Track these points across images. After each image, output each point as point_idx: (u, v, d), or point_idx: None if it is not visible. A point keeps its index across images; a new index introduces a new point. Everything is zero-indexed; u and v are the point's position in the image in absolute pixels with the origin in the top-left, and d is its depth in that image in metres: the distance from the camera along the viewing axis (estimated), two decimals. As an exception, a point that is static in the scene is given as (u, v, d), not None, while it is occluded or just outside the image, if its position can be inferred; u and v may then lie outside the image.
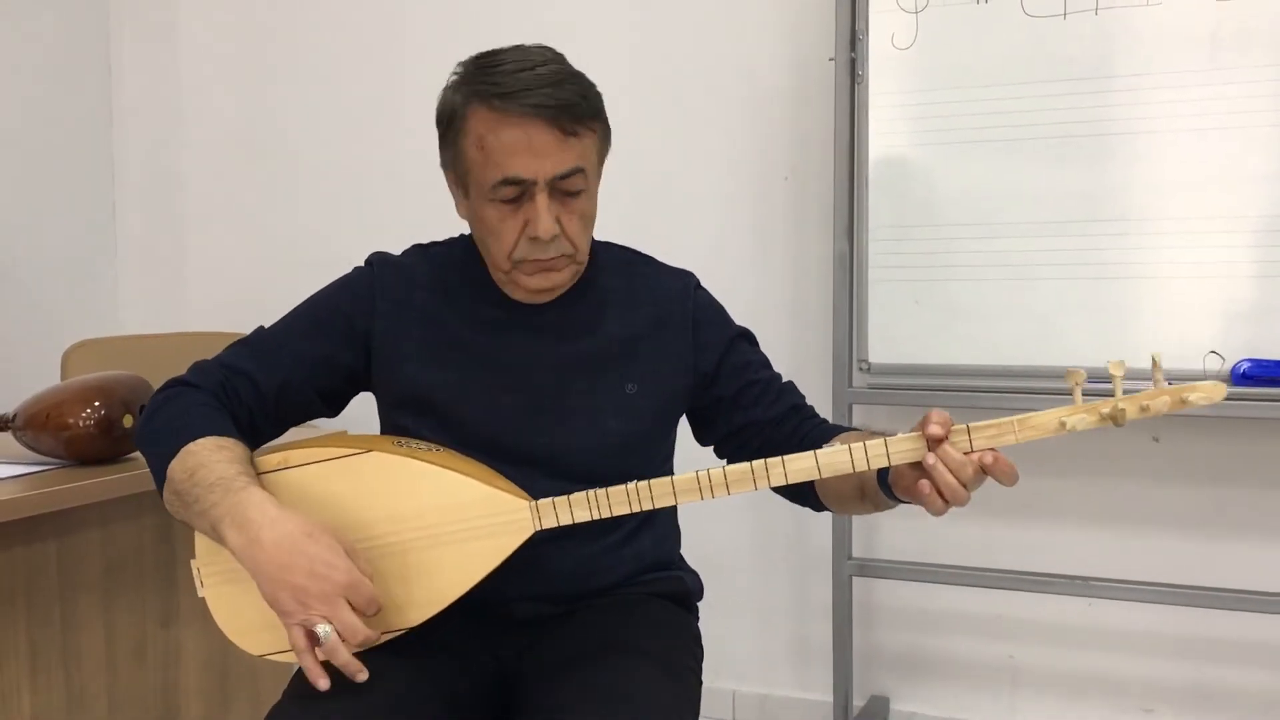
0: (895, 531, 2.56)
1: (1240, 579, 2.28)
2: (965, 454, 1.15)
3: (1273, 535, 2.30)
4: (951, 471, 1.15)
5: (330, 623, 1.14)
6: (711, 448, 1.50)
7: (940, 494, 1.17)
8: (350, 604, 1.15)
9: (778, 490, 1.29)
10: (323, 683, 1.16)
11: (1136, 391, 1.14)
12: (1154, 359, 1.14)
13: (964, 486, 1.16)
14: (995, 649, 2.53)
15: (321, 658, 1.17)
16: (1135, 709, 2.43)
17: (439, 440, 1.36)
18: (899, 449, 1.18)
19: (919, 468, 1.17)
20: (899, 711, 2.59)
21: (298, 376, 1.37)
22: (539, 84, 1.26)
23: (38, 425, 1.68)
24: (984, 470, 1.16)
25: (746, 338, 1.49)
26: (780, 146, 2.58)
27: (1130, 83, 2.12)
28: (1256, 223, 2.07)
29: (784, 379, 1.48)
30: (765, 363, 1.48)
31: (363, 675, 1.17)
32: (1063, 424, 1.15)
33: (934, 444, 1.16)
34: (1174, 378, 2.08)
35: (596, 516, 1.24)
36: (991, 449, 1.16)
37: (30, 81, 2.98)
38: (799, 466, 1.20)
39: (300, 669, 1.30)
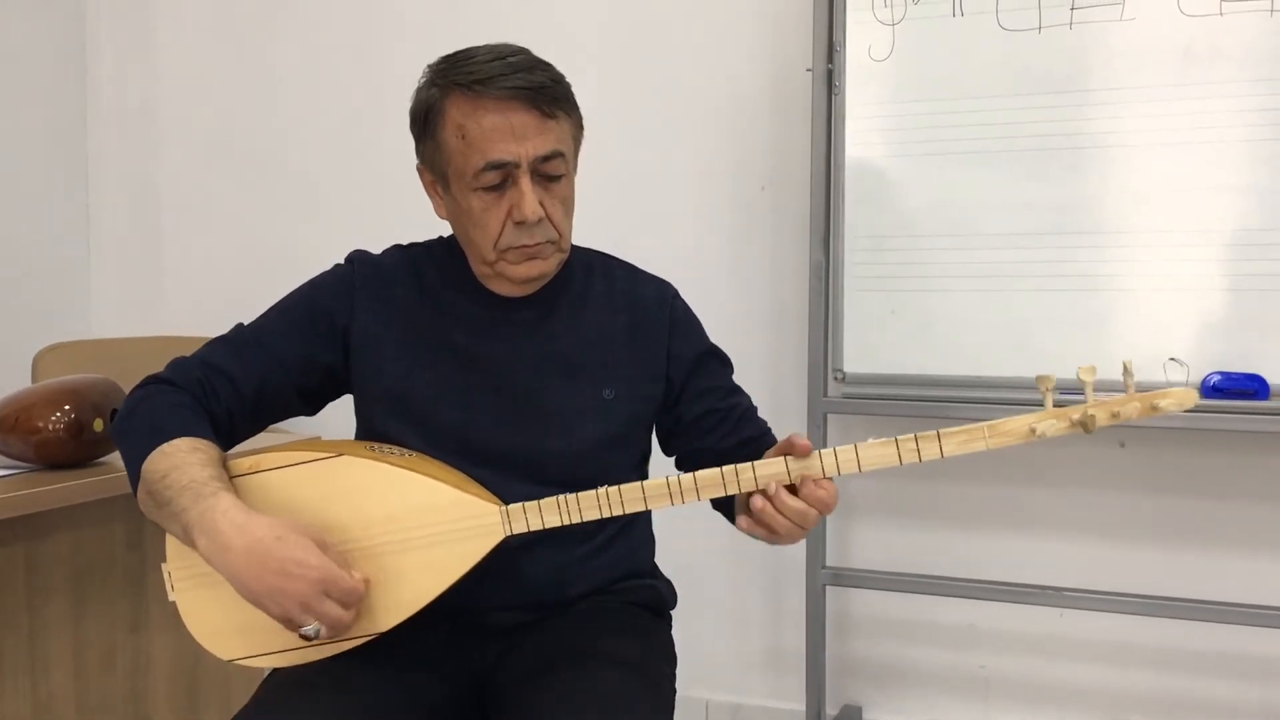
0: (869, 541, 2.57)
1: (1210, 590, 2.29)
2: (817, 481, 1.19)
3: (1243, 547, 2.32)
4: (784, 515, 1.20)
5: (315, 620, 1.16)
6: (674, 459, 1.51)
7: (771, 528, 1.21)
8: (331, 596, 1.16)
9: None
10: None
11: (1108, 398, 1.15)
12: (1125, 365, 1.15)
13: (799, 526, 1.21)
14: (968, 658, 2.53)
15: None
16: (1106, 719, 2.44)
17: (415, 440, 1.36)
18: (868, 455, 1.19)
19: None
20: (872, 721, 2.60)
21: (277, 375, 1.36)
22: (513, 70, 1.28)
23: (6, 428, 1.66)
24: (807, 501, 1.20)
25: (717, 357, 1.50)
26: (757, 156, 2.59)
27: (1104, 96, 2.14)
28: (1228, 236, 2.09)
29: (746, 405, 1.48)
30: (731, 388, 1.49)
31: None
32: (1033, 429, 1.15)
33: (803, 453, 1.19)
34: (1145, 389, 2.10)
35: (567, 522, 1.24)
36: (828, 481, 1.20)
37: (4, 81, 2.95)
38: (769, 472, 1.21)
39: (270, 674, 1.30)
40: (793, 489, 1.20)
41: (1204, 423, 2.12)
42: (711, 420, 1.44)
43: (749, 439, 1.44)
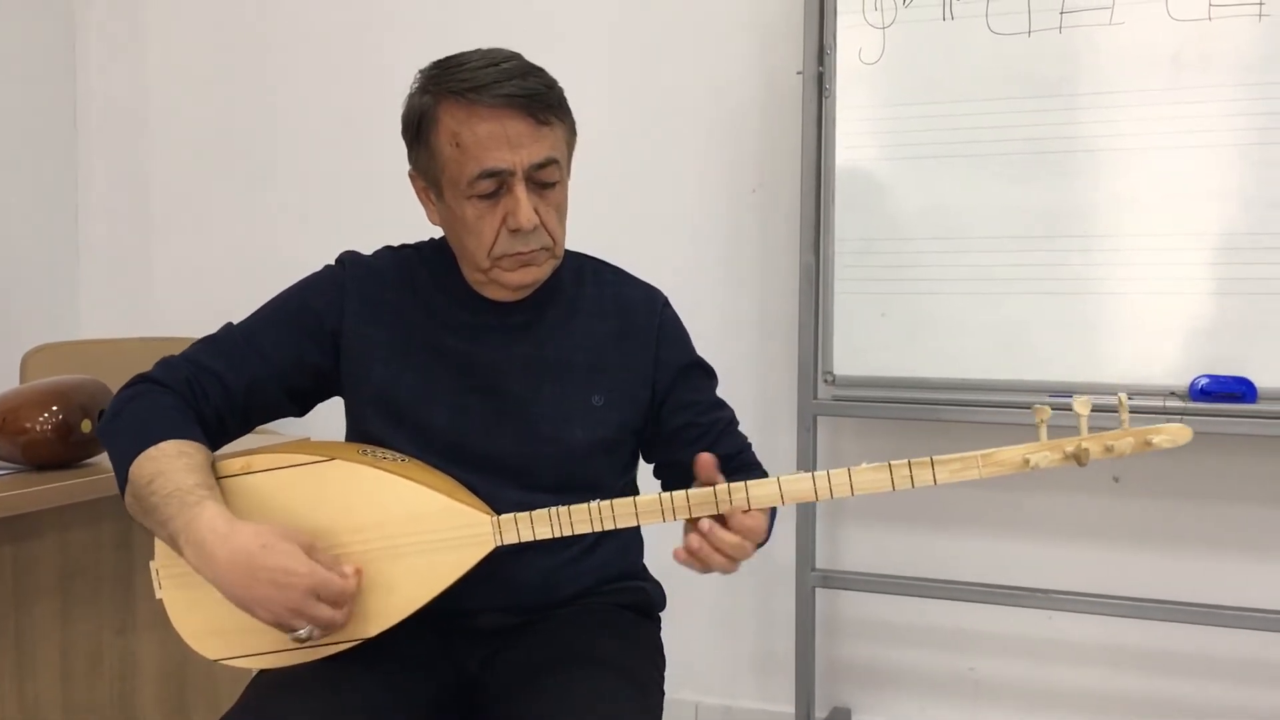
0: (859, 543, 2.57)
1: (1199, 593, 2.30)
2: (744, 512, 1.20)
3: (1230, 550, 2.32)
4: (720, 551, 1.21)
5: (308, 623, 1.15)
6: (652, 468, 1.51)
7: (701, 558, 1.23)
8: (322, 599, 1.15)
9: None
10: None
11: (1101, 422, 1.15)
12: (1120, 399, 1.15)
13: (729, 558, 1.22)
14: (957, 661, 2.54)
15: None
16: (1094, 721, 2.45)
17: (404, 443, 1.36)
18: (861, 480, 1.18)
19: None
20: (861, 723, 2.61)
21: (266, 375, 1.36)
22: (507, 76, 1.28)
23: (-6, 429, 1.65)
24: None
25: (703, 369, 1.49)
26: (748, 159, 2.59)
27: (1094, 100, 2.14)
28: (1217, 240, 2.09)
29: (727, 420, 1.48)
30: (713, 403, 1.48)
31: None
32: (1027, 461, 1.16)
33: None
34: (1134, 393, 2.11)
35: (558, 534, 1.24)
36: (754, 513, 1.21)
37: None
38: (761, 493, 1.20)
39: (257, 675, 1.29)
40: (723, 519, 1.20)
41: (1192, 426, 2.11)
42: (691, 433, 1.44)
43: (724, 456, 1.43)
